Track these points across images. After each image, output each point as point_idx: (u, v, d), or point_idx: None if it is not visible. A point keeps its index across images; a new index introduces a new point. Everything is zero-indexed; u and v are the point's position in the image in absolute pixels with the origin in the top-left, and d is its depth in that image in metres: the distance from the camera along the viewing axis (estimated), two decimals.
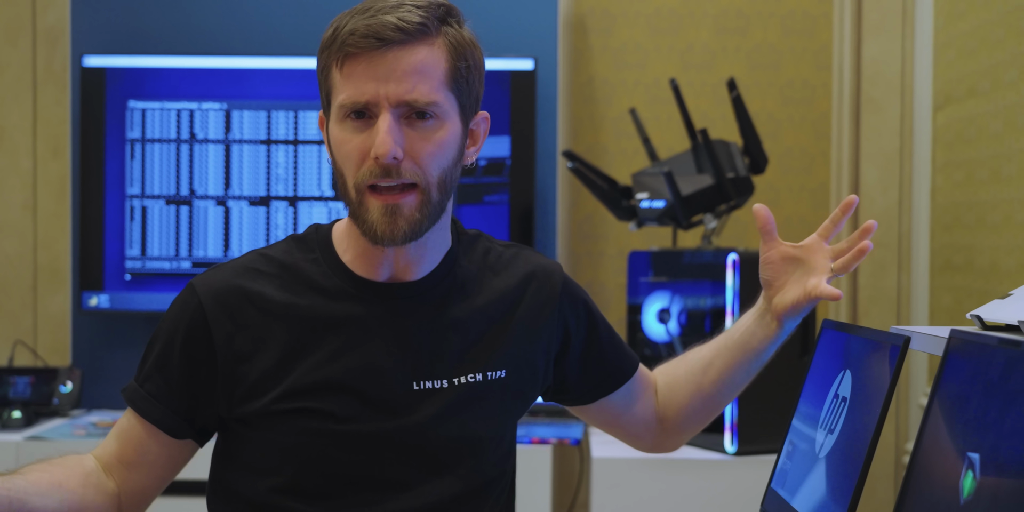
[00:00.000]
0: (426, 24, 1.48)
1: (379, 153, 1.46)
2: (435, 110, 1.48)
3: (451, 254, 1.61)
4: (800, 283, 1.70)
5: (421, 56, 1.47)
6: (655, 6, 3.58)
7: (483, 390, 1.57)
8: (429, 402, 1.54)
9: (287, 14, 3.43)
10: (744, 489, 2.67)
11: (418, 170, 1.48)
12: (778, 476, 1.52)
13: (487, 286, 1.62)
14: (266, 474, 1.54)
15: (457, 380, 1.56)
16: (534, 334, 1.62)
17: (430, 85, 1.47)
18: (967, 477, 1.08)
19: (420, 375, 1.55)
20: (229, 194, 3.32)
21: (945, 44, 3.06)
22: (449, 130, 1.50)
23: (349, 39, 1.46)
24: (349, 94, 1.47)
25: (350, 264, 1.58)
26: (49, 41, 3.57)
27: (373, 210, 1.48)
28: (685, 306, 2.83)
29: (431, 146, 1.49)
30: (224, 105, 3.32)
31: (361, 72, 1.46)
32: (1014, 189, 2.56)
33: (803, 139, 3.57)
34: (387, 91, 1.46)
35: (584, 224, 3.59)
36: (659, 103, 3.53)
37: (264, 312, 1.54)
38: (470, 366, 1.57)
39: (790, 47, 3.56)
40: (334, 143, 1.51)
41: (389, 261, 1.56)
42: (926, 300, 3.24)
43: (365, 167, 1.47)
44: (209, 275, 1.57)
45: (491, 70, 3.29)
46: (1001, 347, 1.10)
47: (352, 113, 1.48)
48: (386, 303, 1.56)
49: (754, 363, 1.75)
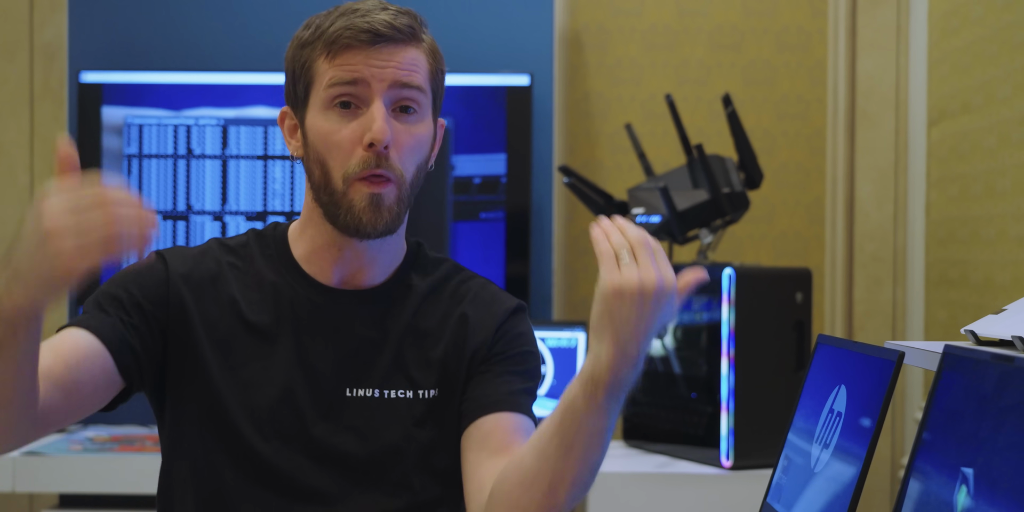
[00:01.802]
0: (414, 28, 1.53)
1: (376, 139, 1.47)
2: (421, 100, 1.53)
3: (404, 268, 1.62)
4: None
5: (412, 54, 1.53)
6: (650, 22, 3.59)
7: (412, 406, 1.57)
8: (358, 410, 1.55)
9: (283, 30, 3.43)
10: (740, 503, 2.67)
11: (399, 163, 1.51)
12: (774, 491, 1.53)
13: (434, 305, 1.62)
14: (194, 473, 1.54)
15: (388, 393, 1.56)
16: (465, 357, 1.60)
17: (420, 75, 1.53)
18: (961, 492, 1.08)
19: (353, 382, 1.56)
20: (226, 209, 3.33)
21: (939, 60, 3.07)
22: (427, 126, 1.55)
23: (345, 33, 1.49)
24: (341, 75, 1.49)
25: (302, 261, 1.59)
26: (46, 57, 3.58)
27: (359, 200, 1.50)
28: (681, 321, 2.84)
29: (413, 140, 1.52)
30: (221, 121, 3.33)
31: (356, 60, 1.50)
32: (1008, 204, 2.57)
33: (798, 154, 3.58)
34: (383, 73, 1.49)
35: (580, 239, 3.59)
36: (655, 118, 3.54)
37: (215, 295, 1.56)
38: (402, 381, 1.57)
39: (785, 63, 3.58)
40: (318, 132, 1.51)
41: (345, 260, 1.58)
42: (921, 315, 3.25)
43: (356, 157, 1.49)
44: (174, 249, 1.60)
45: (487, 85, 3.30)
46: (995, 362, 1.11)
47: (339, 102, 1.50)
48: (331, 306, 1.57)
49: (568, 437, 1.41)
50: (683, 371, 2.84)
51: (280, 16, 3.45)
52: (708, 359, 2.76)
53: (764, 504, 1.54)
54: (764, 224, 3.57)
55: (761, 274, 2.80)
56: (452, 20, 3.39)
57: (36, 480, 2.93)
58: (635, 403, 2.96)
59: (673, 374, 2.86)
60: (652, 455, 2.89)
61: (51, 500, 3.30)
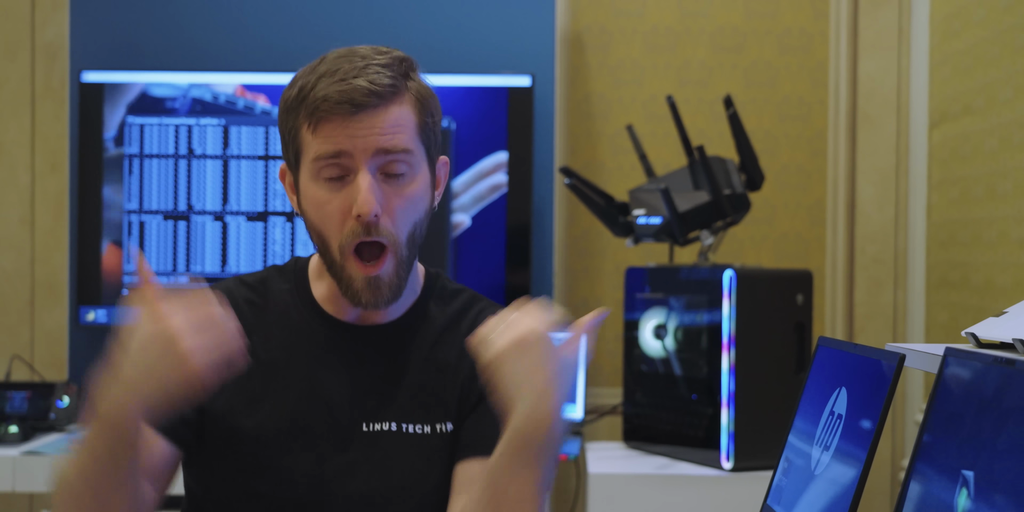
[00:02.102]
0: (395, 84, 1.50)
1: (363, 211, 1.47)
2: (409, 160, 1.51)
3: (422, 300, 1.62)
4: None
5: (394, 114, 1.50)
6: (652, 23, 3.59)
7: (430, 441, 1.57)
8: (375, 444, 1.55)
9: (284, 30, 3.45)
10: (740, 505, 2.67)
11: (391, 228, 1.50)
12: (774, 493, 1.53)
13: (453, 337, 1.61)
14: (211, 500, 1.56)
15: (406, 427, 1.56)
16: (476, 388, 1.59)
17: (404, 136, 1.51)
18: (961, 495, 1.08)
19: (370, 417, 1.56)
20: (227, 209, 3.33)
21: (941, 62, 3.07)
22: (420, 182, 1.54)
23: (323, 105, 1.47)
24: (324, 148, 1.48)
25: (320, 299, 1.60)
26: (48, 57, 3.58)
27: (357, 280, 1.51)
28: (681, 322, 2.84)
29: (405, 202, 1.51)
30: (222, 121, 3.33)
31: (337, 132, 1.48)
32: (1009, 206, 2.57)
33: (799, 156, 3.58)
34: (365, 143, 1.48)
35: (581, 240, 3.59)
36: (656, 120, 3.54)
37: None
38: (421, 415, 1.57)
39: (786, 64, 3.58)
40: (311, 202, 1.52)
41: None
42: (922, 317, 3.24)
43: (348, 228, 1.49)
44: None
45: (488, 87, 3.30)
46: (995, 365, 1.11)
47: (327, 177, 1.49)
48: (348, 343, 1.58)
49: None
50: (683, 372, 2.84)
51: (281, 16, 3.45)
52: (709, 361, 2.76)
53: (764, 506, 1.54)
54: (765, 226, 3.57)
55: (762, 276, 2.80)
56: (454, 21, 3.40)
57: (37, 480, 2.93)
58: (635, 404, 2.96)
59: (673, 375, 2.86)
60: (652, 457, 2.89)
61: (51, 500, 3.30)
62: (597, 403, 3.48)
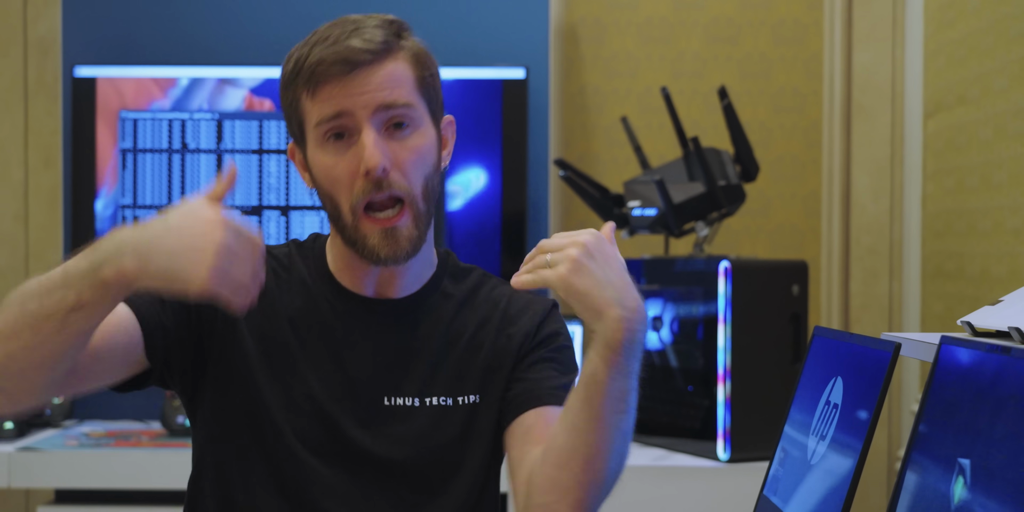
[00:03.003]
0: (388, 42, 1.51)
1: (369, 166, 1.47)
2: (411, 114, 1.51)
3: (436, 277, 1.62)
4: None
5: (390, 69, 1.51)
6: (646, 15, 3.59)
7: (453, 414, 1.57)
8: (397, 418, 1.55)
9: (278, 24, 3.44)
10: (737, 496, 2.67)
11: (403, 181, 1.50)
12: (770, 483, 1.52)
13: (471, 312, 1.62)
14: (223, 479, 1.54)
15: (428, 400, 1.56)
16: (509, 355, 1.60)
17: (403, 90, 1.51)
18: (958, 483, 1.08)
19: (391, 390, 1.56)
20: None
21: (935, 52, 3.07)
22: (426, 136, 1.54)
23: (319, 68, 1.48)
24: (324, 110, 1.49)
25: (337, 274, 1.60)
26: (40, 51, 3.57)
27: (371, 235, 1.50)
28: (677, 314, 2.84)
29: (413, 155, 1.51)
30: (216, 115, 3.32)
31: (336, 92, 1.48)
32: (1004, 196, 2.57)
33: (794, 147, 3.58)
34: (364, 100, 1.48)
35: None
36: (650, 111, 3.54)
37: (262, 302, 1.53)
38: (442, 388, 1.57)
39: (781, 55, 3.57)
40: (320, 168, 1.52)
41: (374, 275, 1.58)
42: (917, 307, 3.25)
43: (357, 187, 1.49)
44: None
45: (482, 79, 3.30)
46: (992, 353, 1.11)
47: (332, 135, 1.49)
48: (366, 317, 1.58)
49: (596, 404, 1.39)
50: (680, 364, 2.84)
51: (274, 10, 3.44)
52: (705, 352, 2.76)
53: (761, 497, 1.54)
54: (760, 217, 3.57)
55: (757, 267, 2.80)
56: (447, 13, 3.39)
57: (32, 475, 2.92)
58: None
59: (670, 367, 2.86)
60: (649, 448, 2.89)
61: (47, 495, 3.30)
62: None
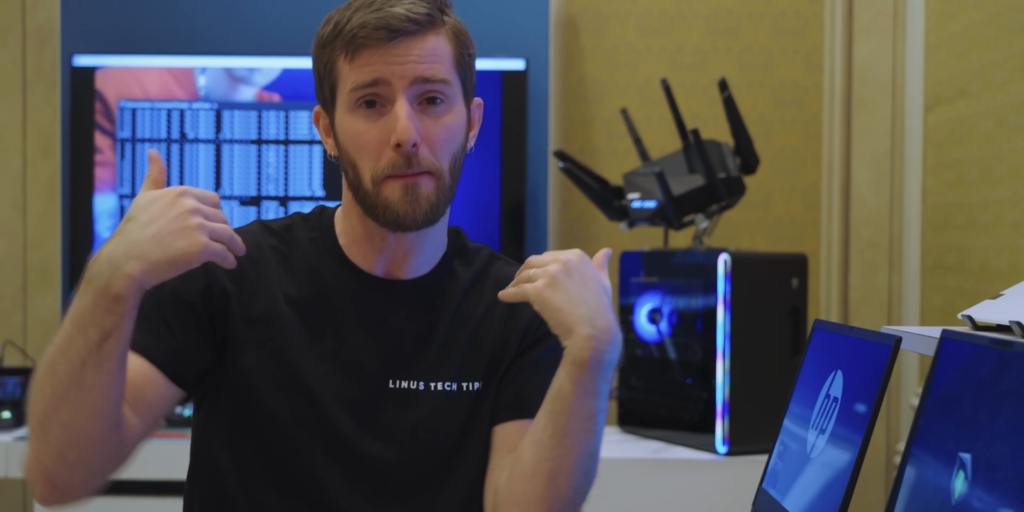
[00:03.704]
0: (432, 14, 1.50)
1: (402, 139, 1.44)
2: (447, 91, 1.49)
3: (447, 258, 1.60)
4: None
5: (431, 43, 1.49)
6: (646, 7, 3.58)
7: (457, 399, 1.55)
8: (401, 401, 1.53)
9: (277, 14, 3.43)
10: (736, 489, 2.67)
11: (432, 157, 1.48)
12: (769, 476, 1.52)
13: (478, 295, 1.60)
14: (235, 461, 1.52)
15: (433, 385, 1.54)
16: (512, 344, 1.59)
17: (442, 66, 1.49)
18: (958, 477, 1.08)
19: (396, 374, 1.54)
20: (220, 194, 3.31)
21: (936, 45, 3.06)
22: (457, 114, 1.51)
23: (360, 32, 1.46)
24: (361, 77, 1.46)
25: (347, 249, 1.57)
26: (39, 40, 3.56)
27: (392, 193, 1.47)
28: (676, 306, 2.83)
29: (444, 131, 1.49)
30: (214, 105, 3.31)
31: (375, 59, 1.46)
32: (1005, 190, 2.56)
33: (794, 139, 3.57)
34: (403, 71, 1.46)
35: (575, 224, 3.58)
36: (650, 103, 3.53)
37: (255, 279, 1.53)
38: (448, 373, 1.55)
39: (781, 48, 3.57)
40: (347, 134, 1.49)
41: (388, 251, 1.55)
42: (917, 300, 3.24)
43: (385, 159, 1.46)
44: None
45: (482, 70, 3.28)
46: (992, 347, 1.10)
47: (364, 102, 1.47)
48: (375, 297, 1.55)
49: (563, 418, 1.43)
50: (678, 357, 2.83)
51: (274, 0, 3.44)
52: (703, 345, 2.75)
53: (760, 490, 1.54)
54: (760, 209, 3.56)
55: (757, 260, 2.80)
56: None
57: None
58: (630, 389, 2.96)
59: (668, 360, 2.86)
60: (647, 441, 2.89)
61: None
62: None
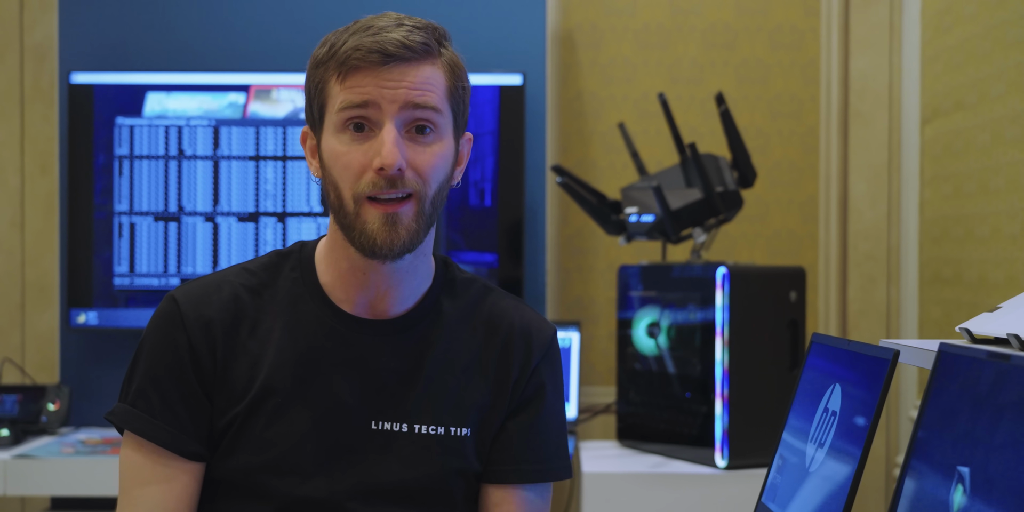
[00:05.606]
0: (429, 44, 1.48)
1: (386, 163, 1.43)
2: (437, 120, 1.48)
3: (432, 292, 1.58)
4: None
5: (426, 71, 1.48)
6: (643, 21, 3.59)
7: (443, 443, 1.53)
8: (385, 444, 1.52)
9: (274, 31, 3.44)
10: (735, 503, 2.67)
11: (418, 180, 1.46)
12: (769, 490, 1.52)
13: (468, 335, 1.57)
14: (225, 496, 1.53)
15: (418, 428, 1.52)
16: (504, 394, 1.57)
17: (434, 95, 1.48)
18: (957, 491, 1.08)
19: (379, 415, 1.52)
20: (218, 210, 3.31)
21: (932, 58, 3.07)
22: (446, 145, 1.50)
23: (355, 54, 1.45)
24: (351, 97, 1.45)
25: (328, 287, 1.55)
26: (37, 58, 3.57)
27: (372, 220, 1.45)
28: (675, 320, 2.83)
29: (431, 158, 1.47)
30: (212, 121, 3.32)
31: (367, 81, 1.45)
32: (1002, 202, 2.56)
33: (791, 153, 3.58)
34: (394, 95, 1.45)
35: (573, 238, 3.59)
36: (648, 117, 3.53)
37: (236, 334, 1.52)
38: (434, 416, 1.53)
39: (778, 61, 3.57)
40: (331, 155, 1.48)
41: (370, 286, 1.53)
42: (915, 313, 3.24)
43: (366, 178, 1.45)
44: (190, 286, 1.55)
45: (480, 85, 3.30)
46: (990, 360, 1.10)
47: (352, 124, 1.46)
48: (357, 338, 1.53)
49: None
50: (677, 371, 2.83)
51: (271, 16, 3.44)
52: (702, 358, 2.75)
53: (759, 504, 1.53)
54: (758, 223, 3.57)
55: (755, 273, 2.80)
56: (445, 19, 3.36)
57: (28, 483, 2.92)
58: (629, 403, 2.95)
59: (667, 374, 2.85)
60: (646, 455, 2.88)
61: (43, 503, 3.29)
62: (591, 402, 3.48)
